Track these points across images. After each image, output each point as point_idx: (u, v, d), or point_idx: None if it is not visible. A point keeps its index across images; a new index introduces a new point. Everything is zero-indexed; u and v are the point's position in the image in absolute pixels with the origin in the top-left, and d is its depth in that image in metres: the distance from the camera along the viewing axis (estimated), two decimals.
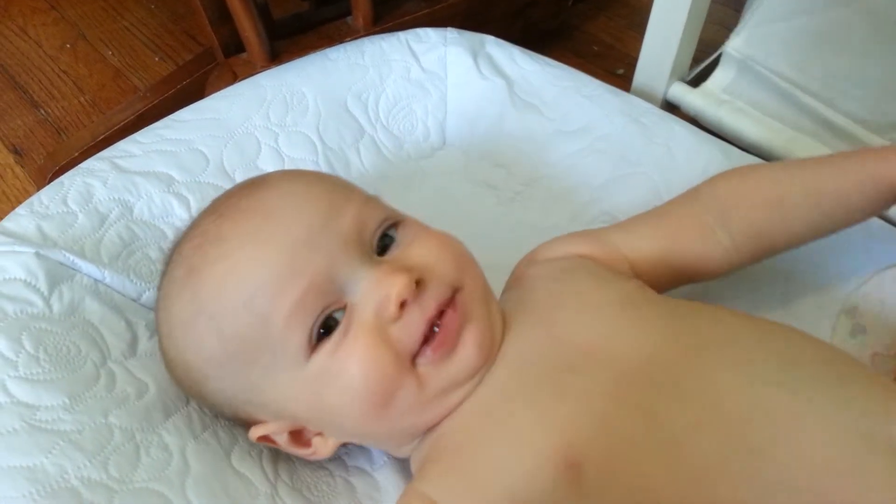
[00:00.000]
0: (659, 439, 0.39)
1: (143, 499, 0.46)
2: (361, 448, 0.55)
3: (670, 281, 0.54)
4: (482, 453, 0.44)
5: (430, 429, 0.46)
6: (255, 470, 0.51)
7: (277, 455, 0.53)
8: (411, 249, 0.47)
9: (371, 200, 0.49)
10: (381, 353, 0.43)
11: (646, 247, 0.53)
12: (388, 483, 0.52)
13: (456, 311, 0.45)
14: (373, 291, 0.44)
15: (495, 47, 0.84)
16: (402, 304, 0.43)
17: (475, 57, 0.82)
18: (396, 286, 0.43)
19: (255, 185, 0.49)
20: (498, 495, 0.41)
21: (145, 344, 0.57)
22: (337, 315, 0.44)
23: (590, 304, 0.48)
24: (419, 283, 0.44)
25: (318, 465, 0.53)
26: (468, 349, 0.45)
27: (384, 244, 0.47)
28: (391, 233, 0.48)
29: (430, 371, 0.44)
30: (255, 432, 0.48)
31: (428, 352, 0.44)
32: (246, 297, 0.43)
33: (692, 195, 0.55)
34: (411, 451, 0.48)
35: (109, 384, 0.52)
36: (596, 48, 1.16)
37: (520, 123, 0.79)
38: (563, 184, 0.75)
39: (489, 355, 0.46)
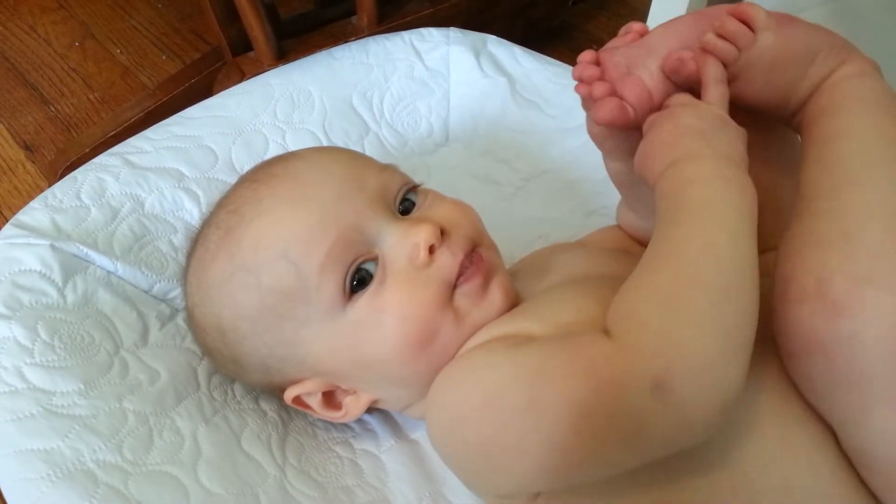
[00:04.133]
0: None
1: (156, 481, 0.47)
2: (368, 431, 0.56)
3: None
4: (538, 308, 0.48)
5: None
6: (264, 453, 0.52)
7: (286, 438, 0.54)
8: (431, 210, 0.51)
9: (389, 167, 0.53)
10: (420, 296, 0.46)
11: (611, 242, 0.60)
12: (394, 464, 0.54)
13: (483, 259, 0.49)
14: (402, 241, 0.47)
15: (497, 46, 0.86)
16: (431, 250, 0.47)
17: (477, 56, 0.84)
18: (424, 232, 0.47)
19: (286, 157, 0.53)
20: (556, 330, 0.45)
21: (156, 334, 0.58)
22: (368, 266, 0.47)
23: (597, 257, 0.55)
24: (443, 234, 0.48)
25: (325, 447, 0.55)
26: (497, 292, 0.49)
27: (405, 207, 0.51)
28: (411, 196, 0.52)
29: (467, 305, 0.48)
30: (291, 392, 0.50)
31: (465, 283, 0.48)
32: (282, 249, 0.46)
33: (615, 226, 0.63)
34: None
35: (122, 372, 0.53)
36: (595, 47, 1.17)
37: (521, 120, 0.81)
38: (563, 179, 0.77)
39: (513, 303, 0.50)
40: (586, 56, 0.49)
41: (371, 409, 0.54)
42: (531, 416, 0.40)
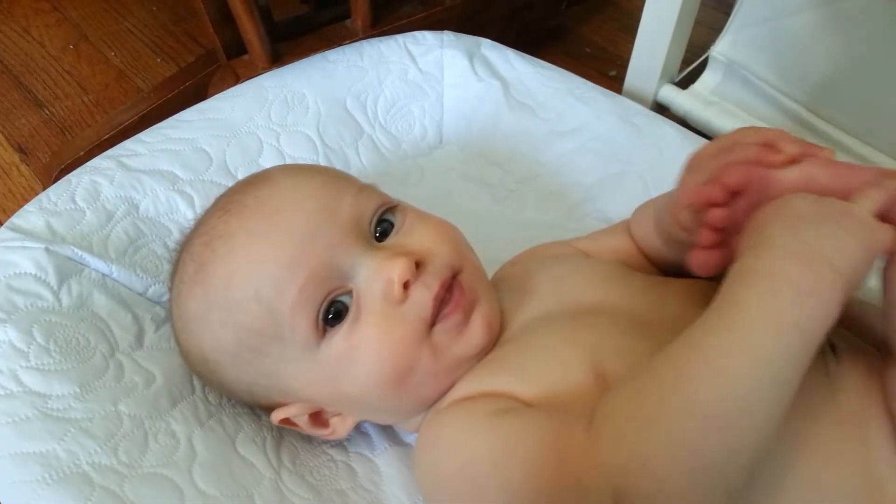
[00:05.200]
0: None
1: (152, 483, 0.48)
2: (362, 434, 0.56)
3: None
4: (521, 361, 0.47)
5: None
6: (259, 455, 0.52)
7: (280, 441, 0.55)
8: (410, 235, 0.49)
9: (366, 189, 0.51)
10: (395, 334, 0.45)
11: (611, 252, 0.58)
12: (388, 468, 0.54)
13: (463, 290, 0.47)
14: (376, 276, 0.46)
15: (491, 49, 0.86)
16: (406, 286, 0.45)
17: (471, 59, 0.84)
18: (397, 269, 0.45)
19: (258, 182, 0.51)
20: (540, 392, 0.44)
21: (151, 336, 0.59)
22: (344, 299, 0.46)
23: (591, 275, 0.53)
24: (419, 265, 0.46)
25: (320, 450, 0.55)
26: (478, 326, 0.47)
27: (383, 229, 0.50)
28: (389, 217, 0.50)
29: (445, 340, 0.46)
30: (278, 415, 0.50)
31: (444, 320, 0.46)
32: (254, 289, 0.45)
33: (626, 224, 0.59)
34: (421, 420, 0.50)
35: (118, 374, 0.53)
36: (588, 50, 1.18)
37: (515, 124, 0.81)
38: (556, 182, 0.77)
39: (496, 335, 0.49)
40: (735, 179, 0.40)
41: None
42: (502, 495, 0.40)
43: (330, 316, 0.46)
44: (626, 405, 0.37)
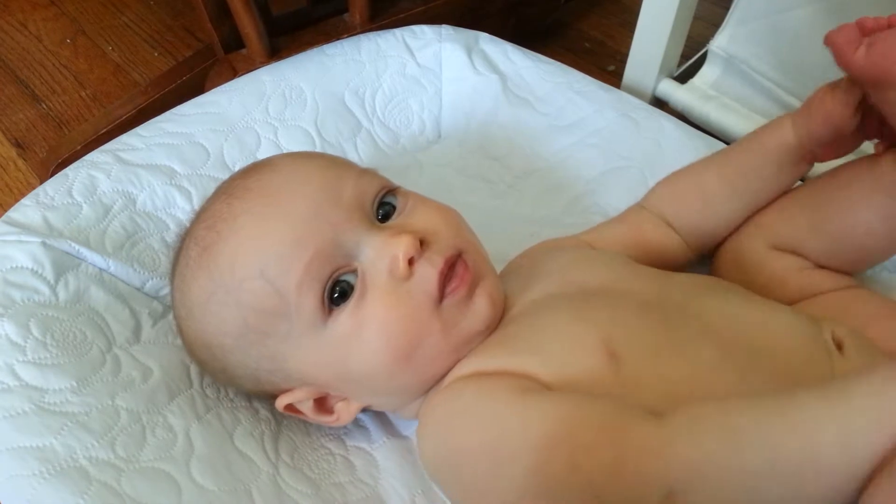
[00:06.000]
0: (673, 344, 0.45)
1: (149, 477, 0.47)
2: (361, 428, 0.56)
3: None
4: (533, 340, 0.47)
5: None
6: (257, 449, 0.52)
7: (278, 435, 0.55)
8: (413, 216, 0.50)
9: (367, 172, 0.51)
10: (401, 310, 0.46)
11: (616, 243, 0.59)
12: (386, 461, 0.54)
13: (468, 267, 0.48)
14: (380, 254, 0.46)
15: (489, 44, 0.86)
16: (411, 262, 0.46)
17: (469, 53, 0.84)
18: (402, 246, 0.45)
19: (261, 167, 0.51)
20: (558, 374, 0.44)
21: (148, 331, 0.58)
22: (348, 278, 0.46)
23: (597, 262, 0.54)
24: (423, 244, 0.47)
25: (318, 444, 0.55)
26: (482, 301, 0.48)
27: (385, 211, 0.50)
28: (390, 199, 0.51)
29: (455, 315, 0.47)
30: (282, 401, 0.50)
31: (451, 295, 0.47)
32: (260, 268, 0.45)
33: (639, 206, 0.62)
34: (419, 405, 0.50)
35: (115, 369, 0.53)
36: (587, 45, 1.18)
37: (513, 118, 0.81)
38: (555, 177, 0.77)
39: (500, 311, 0.49)
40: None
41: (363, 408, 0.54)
42: (537, 480, 0.39)
43: (335, 295, 0.46)
44: (714, 416, 0.38)
